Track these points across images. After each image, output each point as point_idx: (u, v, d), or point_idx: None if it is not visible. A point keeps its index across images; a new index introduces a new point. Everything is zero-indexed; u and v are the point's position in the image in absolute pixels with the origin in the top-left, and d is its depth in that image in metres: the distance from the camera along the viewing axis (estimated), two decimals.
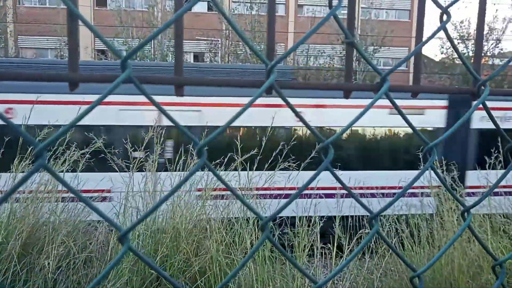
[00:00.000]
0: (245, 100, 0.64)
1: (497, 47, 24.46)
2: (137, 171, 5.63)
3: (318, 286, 0.67)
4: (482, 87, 0.82)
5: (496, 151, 5.86)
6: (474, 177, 8.73)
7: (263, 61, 0.68)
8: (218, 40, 22.61)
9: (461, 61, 0.83)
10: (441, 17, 0.79)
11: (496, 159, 5.97)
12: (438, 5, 0.79)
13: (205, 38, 22.21)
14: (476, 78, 0.83)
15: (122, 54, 0.60)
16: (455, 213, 5.42)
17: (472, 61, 0.87)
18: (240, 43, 21.64)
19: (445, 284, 4.67)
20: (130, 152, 5.65)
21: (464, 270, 4.59)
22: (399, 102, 0.77)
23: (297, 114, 0.70)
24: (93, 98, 0.63)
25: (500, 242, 5.02)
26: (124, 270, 4.45)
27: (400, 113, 0.77)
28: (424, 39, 0.81)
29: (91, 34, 25.15)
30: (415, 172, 7.67)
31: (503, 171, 0.86)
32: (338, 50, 23.65)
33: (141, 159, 5.67)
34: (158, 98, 0.65)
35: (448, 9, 0.78)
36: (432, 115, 9.00)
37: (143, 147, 5.64)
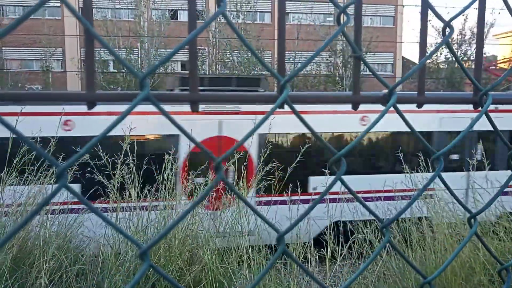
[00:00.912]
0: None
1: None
2: None
3: None
4: (484, 96, 0.84)
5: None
6: None
7: (276, 77, 0.70)
8: (205, 49, 22.65)
9: (463, 71, 0.85)
10: (443, 30, 0.81)
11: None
12: (441, 19, 0.81)
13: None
14: (477, 88, 0.85)
15: (138, 74, 0.61)
16: (444, 218, 5.48)
17: (469, 67, 0.90)
18: (227, 51, 21.68)
19: (438, 286, 4.71)
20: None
21: (456, 272, 4.64)
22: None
23: (309, 128, 0.71)
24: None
25: (490, 244, 5.09)
26: (118, 281, 4.41)
27: (407, 123, 0.79)
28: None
29: (78, 44, 24.88)
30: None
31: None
32: (324, 57, 23.86)
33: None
34: None
35: (451, 23, 0.80)
36: None
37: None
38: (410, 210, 6.32)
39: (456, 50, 25.05)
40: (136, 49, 22.25)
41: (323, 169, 6.38)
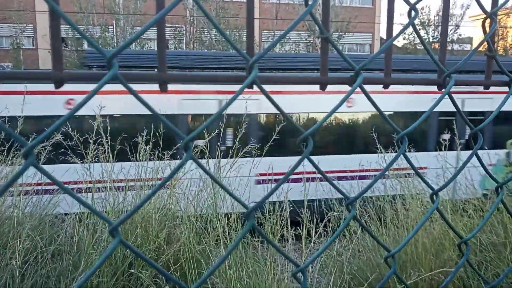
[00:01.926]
0: None
1: (456, 32, 25.30)
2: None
3: (300, 269, 0.71)
4: (448, 78, 0.87)
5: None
6: None
7: (244, 57, 0.71)
8: (183, 27, 22.26)
9: (427, 53, 0.88)
10: (409, 13, 0.83)
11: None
12: (406, 1, 0.83)
13: (169, 25, 21.82)
14: (441, 69, 0.88)
15: (106, 53, 0.61)
16: (418, 195, 5.65)
17: (435, 48, 0.92)
18: (205, 29, 21.37)
19: (410, 262, 4.88)
20: None
21: (427, 248, 4.80)
22: None
23: (277, 107, 0.73)
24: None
25: (460, 221, 5.28)
26: (94, 261, 4.41)
27: (374, 104, 0.82)
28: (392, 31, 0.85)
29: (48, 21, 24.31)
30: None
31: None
32: (303, 36, 23.78)
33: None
34: None
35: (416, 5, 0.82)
36: None
37: None
38: (384, 189, 6.49)
39: (433, 31, 25.32)
40: (112, 27, 21.68)
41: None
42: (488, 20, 0.99)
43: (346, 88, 0.76)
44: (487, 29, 0.98)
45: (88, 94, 0.57)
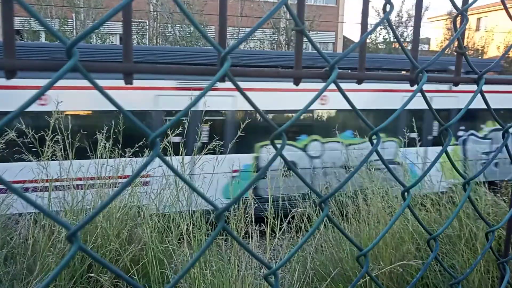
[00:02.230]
0: None
1: None
2: None
3: (272, 271, 0.68)
4: (420, 74, 0.87)
5: None
6: None
7: (217, 49, 0.67)
8: (146, 22, 21.77)
9: (401, 49, 0.87)
10: (384, 7, 0.82)
11: None
12: None
13: (132, 20, 21.23)
14: (414, 66, 0.88)
15: (66, 41, 0.56)
16: (378, 191, 5.78)
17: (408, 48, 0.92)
18: (169, 24, 21.00)
19: (371, 256, 4.99)
20: None
21: (387, 242, 4.92)
22: None
23: (250, 102, 0.69)
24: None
25: (419, 214, 5.45)
26: (51, 264, 4.23)
27: (347, 100, 0.80)
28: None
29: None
30: None
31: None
32: (268, 34, 23.82)
33: None
34: None
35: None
36: None
37: None
38: (346, 184, 6.61)
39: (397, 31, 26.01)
40: (71, 20, 20.85)
41: None
42: (459, 17, 0.99)
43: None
44: (458, 26, 0.99)
45: (45, 85, 0.52)
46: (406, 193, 0.88)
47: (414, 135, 8.15)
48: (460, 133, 10.32)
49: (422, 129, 9.88)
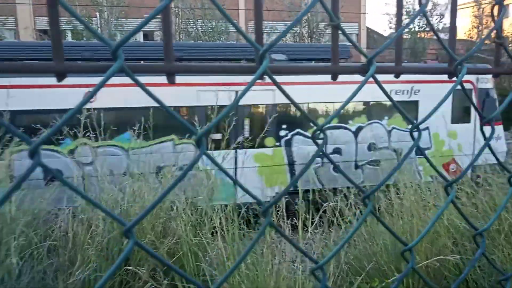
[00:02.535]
0: None
1: (441, 22, 25.26)
2: None
3: (319, 266, 0.69)
4: (459, 66, 0.85)
5: None
6: None
7: (254, 47, 0.68)
8: None
9: (439, 41, 0.85)
10: (420, 1, 0.81)
11: None
12: None
13: (156, 17, 21.46)
14: (452, 58, 0.86)
15: (112, 43, 0.58)
16: (411, 184, 5.66)
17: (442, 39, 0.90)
18: (191, 20, 21.17)
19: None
20: None
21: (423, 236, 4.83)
22: None
23: (290, 99, 0.70)
24: None
25: (452, 209, 5.30)
26: (91, 256, 4.38)
27: (386, 94, 0.79)
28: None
29: (31, 13, 23.44)
30: None
31: None
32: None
33: None
34: None
35: None
36: None
37: None
38: (378, 179, 6.53)
39: (418, 21, 25.30)
40: (95, 19, 21.31)
41: None
42: (496, 7, 0.96)
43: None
44: (496, 16, 0.96)
45: (95, 86, 0.54)
46: (449, 188, 0.86)
47: None
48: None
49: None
